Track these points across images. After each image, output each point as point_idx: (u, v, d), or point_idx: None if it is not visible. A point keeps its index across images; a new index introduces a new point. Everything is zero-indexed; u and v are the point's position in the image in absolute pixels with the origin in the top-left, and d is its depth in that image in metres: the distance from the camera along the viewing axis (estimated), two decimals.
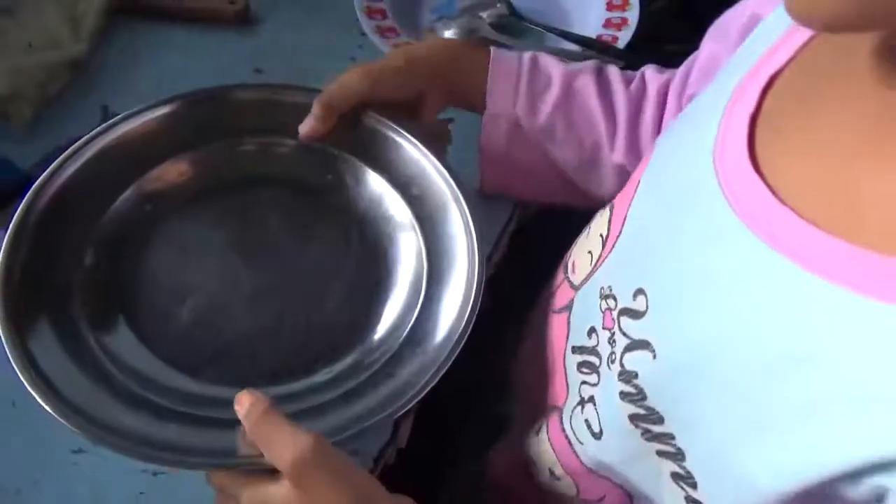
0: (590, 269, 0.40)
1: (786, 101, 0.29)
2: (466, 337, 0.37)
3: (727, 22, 0.42)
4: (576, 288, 0.41)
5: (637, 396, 0.31)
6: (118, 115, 0.56)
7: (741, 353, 0.26)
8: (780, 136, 0.29)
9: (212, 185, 0.45)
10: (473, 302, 0.38)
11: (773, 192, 0.27)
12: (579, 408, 0.37)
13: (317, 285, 0.42)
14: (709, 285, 0.29)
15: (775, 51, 0.30)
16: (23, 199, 0.40)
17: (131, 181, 0.43)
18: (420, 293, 0.41)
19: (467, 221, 0.42)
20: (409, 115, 0.47)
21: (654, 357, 0.31)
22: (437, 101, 0.47)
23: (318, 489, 0.30)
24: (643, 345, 0.32)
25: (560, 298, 0.43)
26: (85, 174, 0.42)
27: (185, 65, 0.61)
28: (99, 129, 0.43)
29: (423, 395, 0.36)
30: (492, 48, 0.49)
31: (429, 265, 0.42)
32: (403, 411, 0.35)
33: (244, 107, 0.46)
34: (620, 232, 0.37)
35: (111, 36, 0.61)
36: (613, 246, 0.38)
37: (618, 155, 0.48)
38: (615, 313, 0.34)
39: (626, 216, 0.37)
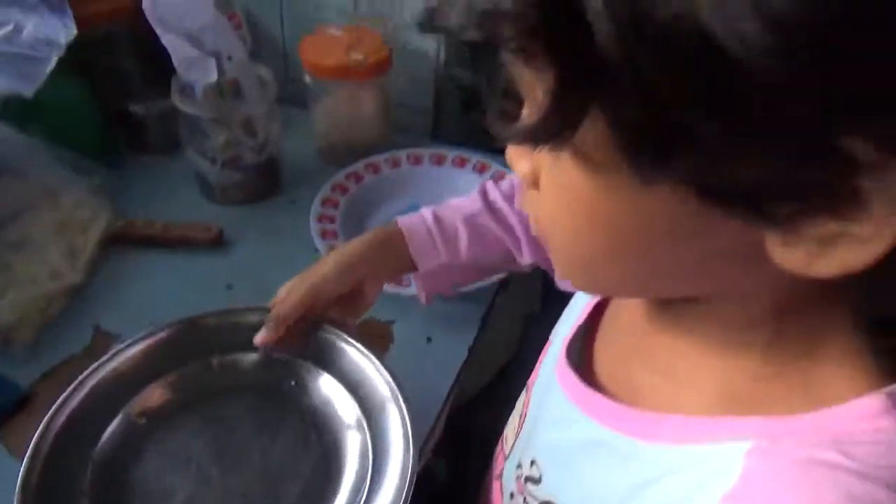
0: (513, 441, 0.49)
1: (607, 318, 0.42)
2: None
3: None
4: (506, 458, 0.50)
5: None
6: (109, 332, 0.66)
7: (599, 499, 0.36)
8: (600, 343, 0.41)
9: (189, 399, 0.54)
10: (407, 491, 0.46)
11: (595, 380, 0.39)
12: None
13: (278, 483, 0.50)
14: (568, 454, 0.39)
15: None
16: (38, 428, 0.48)
17: (122, 405, 0.52)
18: (364, 486, 0.49)
19: (404, 419, 0.50)
20: (354, 301, 0.57)
21: None
22: (374, 283, 0.58)
23: None
24: None
25: (497, 466, 0.51)
26: (83, 405, 0.50)
27: (168, 284, 0.72)
28: (94, 365, 0.52)
29: None
30: (397, 220, 0.60)
31: (373, 460, 0.50)
32: None
33: (211, 331, 0.56)
34: (527, 412, 0.47)
35: (104, 262, 0.73)
36: (524, 423, 0.48)
37: (527, 258, 0.61)
38: (522, 480, 0.43)
39: (530, 398, 0.48)
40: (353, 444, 0.52)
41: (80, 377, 0.51)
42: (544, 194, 0.31)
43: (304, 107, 0.90)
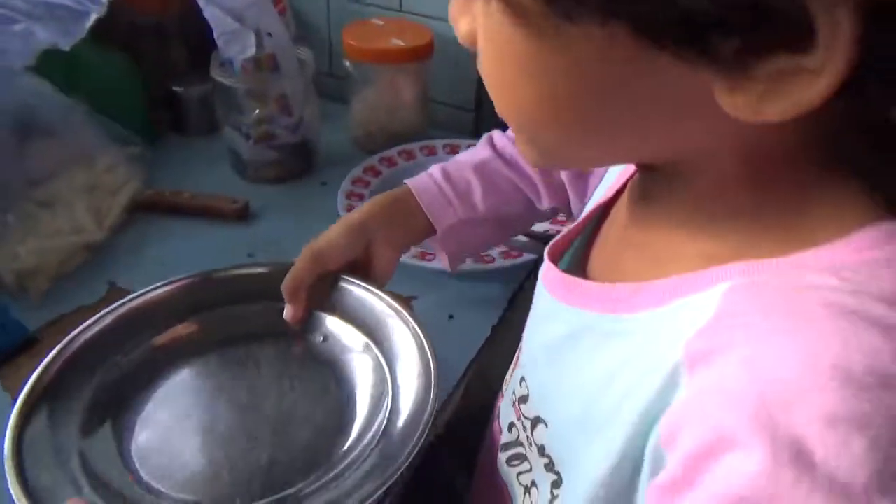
0: (509, 377, 0.45)
1: (602, 229, 0.39)
2: (421, 442, 0.41)
3: None
4: (503, 396, 0.46)
5: (550, 465, 0.35)
6: (124, 288, 0.65)
7: (580, 391, 0.32)
8: (595, 250, 0.38)
9: (208, 342, 0.52)
10: (429, 415, 0.42)
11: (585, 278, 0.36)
12: (527, 495, 0.39)
13: (291, 416, 0.47)
14: (551, 352, 0.36)
15: (614, 186, 0.40)
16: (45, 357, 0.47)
17: (144, 339, 0.51)
18: (381, 409, 0.46)
19: (415, 333, 0.48)
20: (369, 270, 0.54)
21: (547, 426, 0.36)
22: (387, 248, 0.54)
23: None
24: (539, 420, 0.36)
25: (496, 409, 0.47)
26: (104, 331, 0.49)
27: (188, 249, 0.70)
28: (120, 301, 0.51)
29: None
30: (406, 182, 0.57)
31: (391, 381, 0.47)
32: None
33: (230, 281, 0.55)
34: (521, 344, 0.44)
35: (128, 225, 0.72)
36: (518, 356, 0.44)
37: (546, 202, 0.58)
38: (516, 403, 0.40)
39: (525, 332, 0.44)
40: (365, 369, 0.50)
41: (106, 309, 0.50)
42: (482, 51, 0.28)
43: (343, 102, 0.90)
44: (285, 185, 0.81)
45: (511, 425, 0.41)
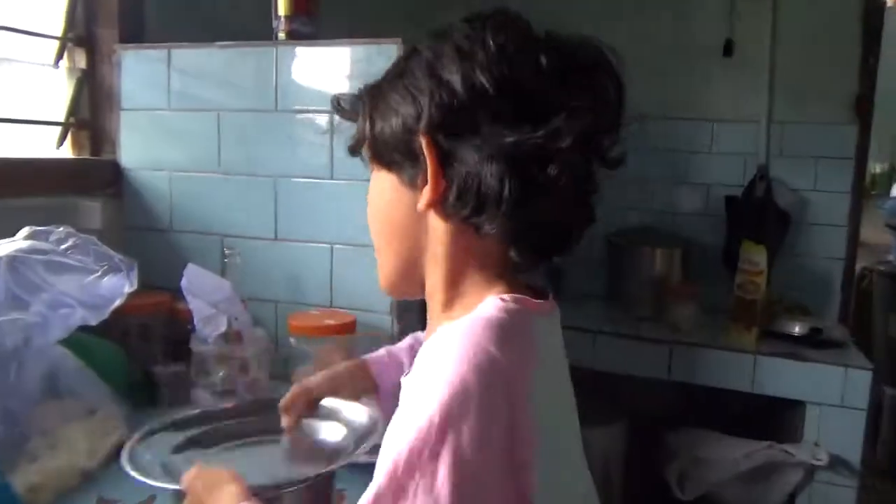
0: None
1: None
2: None
3: None
4: None
5: None
6: (109, 499, 0.81)
7: None
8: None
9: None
10: None
11: None
12: None
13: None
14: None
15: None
16: None
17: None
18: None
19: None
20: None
21: None
22: (349, 396, 0.81)
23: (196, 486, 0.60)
24: None
25: None
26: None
27: None
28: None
29: None
30: (365, 357, 0.86)
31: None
32: None
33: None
34: None
35: (114, 459, 0.89)
36: None
37: None
38: None
39: None
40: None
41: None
42: None
43: (287, 381, 1.16)
44: None
45: None
